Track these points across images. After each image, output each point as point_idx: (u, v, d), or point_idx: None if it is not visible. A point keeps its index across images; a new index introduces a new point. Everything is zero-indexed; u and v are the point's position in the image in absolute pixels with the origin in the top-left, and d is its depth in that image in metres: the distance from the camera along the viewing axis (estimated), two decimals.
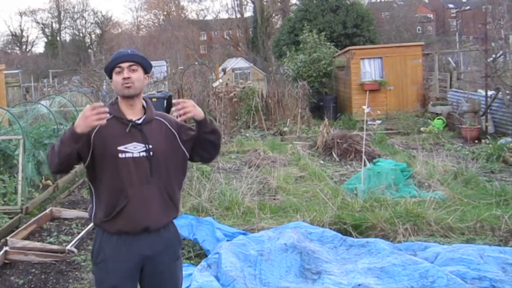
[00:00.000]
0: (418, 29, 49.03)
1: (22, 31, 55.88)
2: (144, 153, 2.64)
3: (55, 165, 2.58)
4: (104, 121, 2.46)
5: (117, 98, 2.73)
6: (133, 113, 2.69)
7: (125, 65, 2.64)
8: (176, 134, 2.75)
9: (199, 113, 2.61)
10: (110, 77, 2.70)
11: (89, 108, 2.43)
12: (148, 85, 13.66)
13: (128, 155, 2.61)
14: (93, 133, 2.60)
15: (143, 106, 2.74)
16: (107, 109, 2.49)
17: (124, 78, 2.62)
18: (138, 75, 2.65)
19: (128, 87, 2.63)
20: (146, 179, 2.64)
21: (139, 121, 2.67)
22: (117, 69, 2.64)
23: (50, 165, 2.63)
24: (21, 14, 61.60)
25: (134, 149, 2.63)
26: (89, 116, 2.41)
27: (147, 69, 2.71)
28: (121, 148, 2.61)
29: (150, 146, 2.65)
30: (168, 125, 2.75)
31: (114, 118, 2.65)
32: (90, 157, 2.62)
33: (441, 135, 11.20)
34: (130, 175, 2.61)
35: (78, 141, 2.48)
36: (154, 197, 2.66)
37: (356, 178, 7.30)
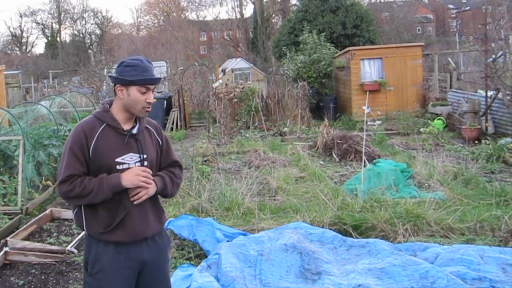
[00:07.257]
0: (418, 29, 49.10)
1: (22, 31, 56.03)
2: (139, 164, 2.61)
3: (76, 201, 2.57)
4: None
5: (110, 104, 2.65)
6: (129, 123, 2.65)
7: (152, 87, 2.61)
8: (160, 142, 2.77)
9: (151, 192, 2.62)
10: (122, 84, 2.57)
11: (141, 169, 2.55)
12: None
13: (125, 166, 2.58)
14: (92, 145, 2.53)
15: None
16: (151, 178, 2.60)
17: (148, 103, 2.59)
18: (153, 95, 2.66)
19: (148, 111, 2.62)
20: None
21: (135, 131, 2.63)
22: (142, 89, 2.57)
23: (68, 197, 2.56)
24: (21, 15, 61.92)
25: (131, 160, 2.60)
26: (139, 178, 2.52)
27: None
28: (118, 160, 2.57)
29: (145, 156, 2.64)
30: (155, 134, 2.76)
31: (109, 127, 2.58)
32: (86, 170, 2.55)
33: (441, 135, 11.20)
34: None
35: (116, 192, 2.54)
36: (149, 206, 2.66)
37: (356, 178, 7.29)
